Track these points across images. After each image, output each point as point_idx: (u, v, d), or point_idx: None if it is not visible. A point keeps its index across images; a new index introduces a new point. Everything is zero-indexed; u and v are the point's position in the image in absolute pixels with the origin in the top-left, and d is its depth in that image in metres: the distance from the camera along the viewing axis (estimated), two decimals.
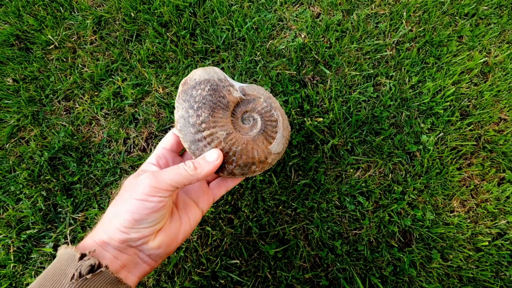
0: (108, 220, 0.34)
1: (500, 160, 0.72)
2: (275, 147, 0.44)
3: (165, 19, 0.85)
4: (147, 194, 0.33)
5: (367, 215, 0.69)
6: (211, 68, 0.42)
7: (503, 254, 0.66)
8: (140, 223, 0.33)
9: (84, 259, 0.30)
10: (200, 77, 0.40)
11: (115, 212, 0.34)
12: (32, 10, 0.90)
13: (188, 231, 0.40)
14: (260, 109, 0.43)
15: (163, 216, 0.35)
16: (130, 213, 0.33)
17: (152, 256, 0.36)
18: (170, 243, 0.37)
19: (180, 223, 0.39)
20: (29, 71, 0.84)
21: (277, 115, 0.44)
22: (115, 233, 0.33)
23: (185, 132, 0.39)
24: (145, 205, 0.33)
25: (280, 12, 0.86)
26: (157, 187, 0.33)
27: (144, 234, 0.34)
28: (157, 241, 0.35)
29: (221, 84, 0.41)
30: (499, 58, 0.80)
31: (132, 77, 0.81)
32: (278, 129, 0.44)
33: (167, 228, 0.37)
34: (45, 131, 0.78)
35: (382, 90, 0.78)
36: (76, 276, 0.28)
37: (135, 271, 0.35)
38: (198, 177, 0.36)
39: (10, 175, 0.75)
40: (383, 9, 0.86)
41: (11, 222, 0.71)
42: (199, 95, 0.39)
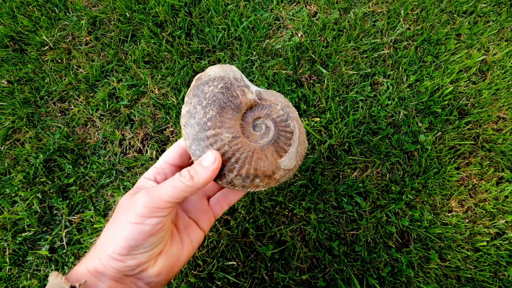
0: (103, 246, 0.31)
1: (498, 159, 0.72)
2: (286, 161, 0.38)
3: (160, 19, 0.85)
4: (142, 216, 0.30)
5: (364, 215, 0.68)
6: (229, 66, 0.39)
7: (501, 254, 0.66)
8: (137, 249, 0.30)
9: None
10: (215, 74, 0.37)
11: (109, 237, 0.31)
12: (27, 11, 0.89)
13: (190, 253, 0.37)
14: (275, 116, 0.39)
15: (161, 238, 0.32)
16: (125, 239, 0.30)
17: (152, 284, 0.33)
18: (171, 268, 0.34)
19: (182, 246, 0.36)
20: (23, 72, 0.83)
21: (293, 126, 0.39)
22: (110, 261, 0.30)
23: (189, 128, 0.36)
24: (141, 229, 0.30)
25: (276, 11, 0.86)
26: (154, 207, 0.30)
27: (141, 260, 0.31)
28: (156, 268, 0.32)
29: (235, 84, 0.37)
30: (498, 56, 0.79)
31: (127, 77, 0.81)
32: (293, 142, 0.38)
33: (168, 252, 0.34)
34: (40, 133, 0.78)
35: (379, 89, 0.77)
36: None
37: None
38: (197, 186, 0.32)
39: (5, 178, 0.75)
40: (381, 7, 0.85)
41: (7, 224, 0.70)
42: (210, 91, 0.36)
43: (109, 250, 0.30)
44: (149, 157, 0.74)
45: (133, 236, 0.30)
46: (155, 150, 0.74)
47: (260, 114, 0.39)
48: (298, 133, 0.39)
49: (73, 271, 0.31)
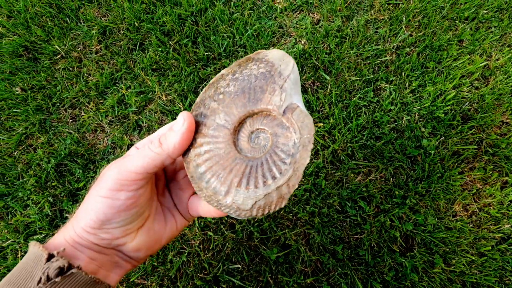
0: (76, 218, 0.30)
1: (502, 164, 0.72)
2: (241, 195, 0.29)
3: (167, 28, 0.87)
4: (111, 189, 0.28)
5: (368, 219, 0.69)
6: (290, 59, 0.31)
7: (507, 259, 0.66)
8: (108, 223, 0.29)
9: (52, 261, 0.26)
10: (270, 58, 0.31)
11: (82, 210, 0.30)
12: (40, 22, 0.93)
13: (174, 235, 0.35)
14: (280, 143, 0.30)
15: (136, 214, 0.30)
16: (95, 213, 0.28)
17: (132, 257, 0.32)
18: (152, 246, 0.33)
19: (165, 225, 0.34)
20: (36, 80, 0.86)
21: (285, 170, 0.29)
22: (83, 234, 0.29)
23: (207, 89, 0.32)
24: (110, 203, 0.28)
25: (280, 19, 0.88)
26: (122, 179, 0.28)
27: (115, 235, 0.29)
28: (135, 243, 0.31)
29: (275, 78, 0.30)
30: (500, 61, 0.80)
31: (135, 85, 0.83)
32: (269, 184, 0.29)
33: (149, 229, 0.32)
34: (52, 139, 0.81)
35: (382, 95, 0.78)
36: (44, 279, 0.25)
37: (116, 270, 0.32)
38: (168, 153, 0.29)
39: (18, 182, 0.77)
40: (383, 15, 0.86)
41: (19, 227, 0.73)
42: (249, 69, 0.31)
43: (81, 223, 0.29)
44: None
45: (103, 210, 0.28)
46: None
47: (268, 128, 0.31)
48: (284, 181, 0.29)
49: (51, 241, 0.30)
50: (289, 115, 0.29)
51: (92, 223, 0.28)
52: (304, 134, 0.29)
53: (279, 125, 0.30)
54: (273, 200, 0.29)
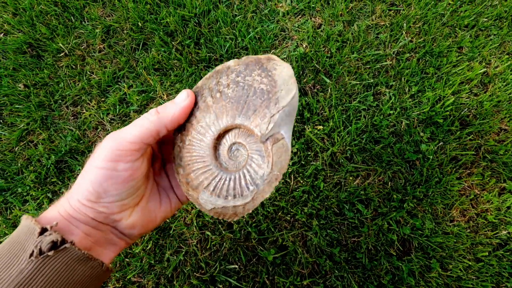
0: (73, 190, 0.29)
1: (500, 170, 0.72)
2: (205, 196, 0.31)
3: (171, 29, 0.88)
4: (108, 160, 0.27)
5: (366, 222, 0.69)
6: (295, 86, 0.30)
7: (504, 265, 0.66)
8: (103, 195, 0.28)
9: (45, 234, 0.26)
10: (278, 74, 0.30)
11: (78, 182, 0.29)
12: (45, 20, 0.94)
13: (167, 215, 0.35)
14: (252, 169, 0.31)
15: (132, 189, 0.30)
16: (91, 184, 0.28)
17: (126, 235, 0.32)
18: (146, 224, 0.33)
19: (160, 204, 0.34)
20: (39, 77, 0.87)
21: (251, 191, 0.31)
22: (80, 207, 0.28)
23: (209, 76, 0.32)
24: (107, 174, 0.27)
25: (282, 22, 0.89)
26: (119, 149, 0.28)
27: (112, 210, 0.29)
28: (131, 220, 0.31)
29: (271, 102, 0.29)
30: (499, 69, 0.81)
31: (137, 84, 0.84)
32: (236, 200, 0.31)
33: (144, 208, 0.32)
34: (53, 135, 0.81)
35: (382, 99, 0.79)
36: (36, 253, 0.25)
37: (110, 247, 0.31)
38: (164, 121, 0.29)
39: (18, 177, 0.77)
40: (384, 20, 0.87)
41: (17, 223, 0.73)
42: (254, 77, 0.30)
43: (78, 195, 0.28)
44: None
45: (99, 181, 0.28)
46: None
47: (248, 148, 0.31)
48: (242, 203, 0.31)
49: (44, 214, 0.29)
50: (269, 146, 0.30)
51: (88, 194, 0.28)
52: (275, 171, 0.30)
53: (258, 150, 0.30)
54: (228, 212, 0.31)
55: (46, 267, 0.25)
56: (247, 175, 0.31)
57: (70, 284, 0.27)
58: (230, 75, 0.31)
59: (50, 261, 0.25)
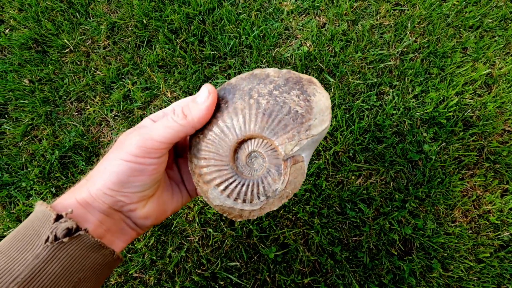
0: (93, 179, 0.30)
1: (503, 171, 0.72)
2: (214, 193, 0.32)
3: (175, 26, 0.89)
4: (135, 155, 0.29)
5: (367, 222, 0.69)
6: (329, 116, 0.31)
7: (505, 266, 0.66)
8: (127, 186, 0.29)
9: (60, 221, 0.26)
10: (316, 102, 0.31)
11: (100, 171, 0.30)
12: (50, 16, 0.94)
13: (178, 207, 0.36)
14: (266, 182, 0.32)
15: (153, 181, 0.31)
16: (116, 175, 0.29)
17: (138, 225, 0.33)
18: (159, 215, 0.34)
19: (172, 196, 0.35)
20: (44, 73, 0.87)
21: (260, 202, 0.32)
22: (100, 195, 0.29)
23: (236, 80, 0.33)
24: (133, 166, 0.29)
25: (286, 21, 0.89)
26: (146, 147, 0.29)
27: (132, 199, 0.30)
28: (145, 210, 0.32)
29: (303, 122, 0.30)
30: (504, 70, 0.81)
31: (141, 80, 0.85)
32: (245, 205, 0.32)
33: (159, 198, 0.33)
34: (57, 131, 0.82)
35: (385, 99, 0.79)
36: (51, 239, 0.25)
37: (121, 236, 0.32)
38: (192, 125, 0.30)
39: (22, 172, 0.78)
40: (388, 20, 0.87)
41: (21, 216, 0.73)
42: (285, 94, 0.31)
43: (99, 184, 0.29)
44: None
45: (125, 172, 0.29)
46: None
47: (268, 161, 0.32)
48: (249, 209, 0.33)
49: (60, 200, 0.30)
50: (289, 165, 0.31)
51: (111, 184, 0.29)
52: (288, 189, 0.31)
53: (276, 166, 0.32)
54: (233, 213, 0.33)
55: (61, 253, 0.26)
56: (261, 186, 0.32)
57: (83, 270, 0.27)
58: (268, 85, 0.32)
59: (65, 247, 0.26)
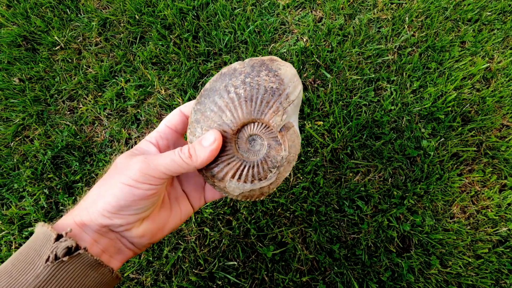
0: (92, 201, 0.31)
1: (501, 166, 0.71)
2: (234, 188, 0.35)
3: (168, 22, 0.87)
4: (136, 180, 0.30)
5: (366, 219, 0.68)
6: (299, 81, 0.35)
7: (503, 262, 0.66)
8: (126, 209, 0.30)
9: (61, 240, 0.27)
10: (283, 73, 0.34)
11: (99, 193, 0.31)
12: (40, 12, 0.92)
13: (177, 224, 0.37)
14: (271, 155, 0.35)
15: (152, 204, 0.32)
16: (116, 198, 0.30)
17: (135, 244, 0.33)
18: (155, 233, 0.34)
19: (170, 213, 0.36)
20: (35, 71, 0.85)
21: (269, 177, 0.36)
22: (97, 217, 0.30)
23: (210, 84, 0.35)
24: (133, 191, 0.30)
25: (282, 16, 0.87)
26: (149, 174, 0.30)
27: (128, 221, 0.31)
28: (141, 229, 0.32)
29: (282, 98, 0.34)
30: (502, 64, 0.80)
31: (135, 78, 0.83)
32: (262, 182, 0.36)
33: (155, 217, 0.34)
34: (49, 130, 0.80)
35: (383, 95, 0.78)
36: (52, 258, 0.26)
37: (117, 256, 0.33)
38: (195, 165, 0.32)
39: (14, 173, 0.76)
40: (386, 14, 0.86)
41: (14, 219, 0.72)
42: (263, 77, 0.34)
43: (98, 206, 0.30)
44: None
45: (124, 197, 0.30)
46: None
47: (265, 138, 0.35)
48: (267, 184, 0.36)
49: (60, 221, 0.31)
50: (284, 133, 0.35)
51: (110, 207, 0.30)
52: (292, 153, 0.35)
53: (274, 139, 0.35)
54: (255, 194, 0.36)
55: (61, 272, 0.27)
56: (268, 161, 0.35)
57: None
58: (238, 76, 0.35)
59: (65, 266, 0.27)
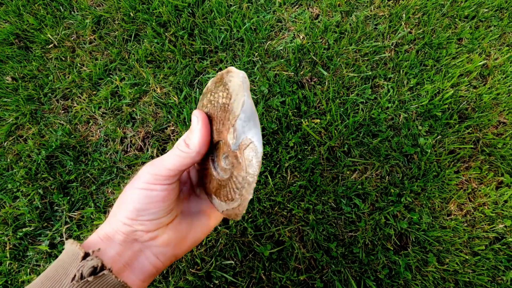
0: (113, 213, 0.33)
1: (498, 163, 0.71)
2: (218, 205, 0.36)
3: (163, 19, 0.86)
4: (148, 182, 0.32)
5: (363, 217, 0.68)
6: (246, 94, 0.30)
7: (500, 258, 0.66)
8: (143, 213, 0.31)
9: (87, 259, 0.28)
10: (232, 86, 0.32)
11: (119, 204, 0.33)
12: (32, 9, 0.90)
13: (199, 236, 0.38)
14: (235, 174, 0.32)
15: (168, 208, 0.33)
16: (132, 203, 0.31)
17: (159, 256, 0.34)
18: (179, 243, 0.35)
19: (191, 225, 0.37)
20: (28, 69, 0.84)
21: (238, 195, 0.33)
22: (119, 226, 0.31)
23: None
24: (147, 193, 0.31)
25: (279, 13, 0.86)
26: (158, 174, 0.32)
27: (149, 227, 0.32)
28: (166, 237, 0.33)
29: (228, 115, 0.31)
30: (499, 61, 0.80)
31: (130, 76, 0.82)
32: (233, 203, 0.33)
33: (177, 226, 0.35)
34: (43, 130, 0.79)
35: (380, 92, 0.77)
36: (78, 277, 0.27)
37: (139, 272, 0.33)
38: (196, 150, 0.32)
39: (7, 173, 0.75)
40: (382, 11, 0.85)
41: (8, 219, 0.71)
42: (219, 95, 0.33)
43: (119, 215, 0.32)
44: (150, 155, 0.74)
45: (140, 200, 0.31)
46: (156, 149, 0.75)
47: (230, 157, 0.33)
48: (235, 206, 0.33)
49: (87, 240, 0.32)
50: (241, 152, 0.31)
51: (129, 213, 0.31)
52: (249, 173, 0.31)
53: (235, 157, 0.32)
54: (233, 213, 0.34)
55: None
56: (235, 181, 0.33)
57: None
58: (206, 96, 0.35)
59: (90, 286, 0.27)
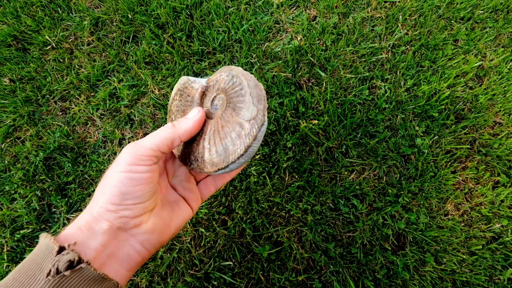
0: (94, 200, 0.31)
1: (494, 164, 0.72)
2: (245, 112, 0.36)
3: (162, 21, 0.86)
4: (130, 164, 0.30)
5: (361, 217, 0.69)
6: (181, 78, 0.44)
7: (497, 258, 0.66)
8: (128, 197, 0.30)
9: (63, 253, 0.26)
10: (174, 90, 0.44)
11: (101, 190, 0.31)
12: (30, 11, 0.90)
13: (181, 223, 0.37)
14: (223, 85, 0.39)
15: (151, 191, 0.32)
16: (116, 187, 0.30)
17: (145, 243, 0.33)
18: (164, 230, 0.34)
19: (172, 213, 0.37)
20: (26, 71, 0.84)
21: (238, 80, 0.38)
22: (103, 213, 0.29)
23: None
24: (131, 176, 0.30)
25: (276, 14, 0.87)
26: (139, 154, 0.31)
27: (135, 212, 0.31)
28: (150, 223, 0.32)
29: (183, 85, 0.43)
30: (495, 62, 0.80)
31: (128, 78, 0.82)
32: (244, 92, 0.37)
33: (160, 212, 0.35)
34: (41, 131, 0.79)
35: (377, 93, 0.78)
36: (53, 272, 0.25)
37: (125, 261, 0.31)
38: (178, 133, 0.33)
39: (5, 175, 0.75)
40: (379, 13, 0.86)
41: (5, 221, 0.71)
42: (175, 105, 0.42)
43: (101, 201, 0.30)
44: None
45: (124, 182, 0.30)
46: None
47: (214, 93, 0.40)
48: (246, 81, 0.38)
49: (63, 233, 0.30)
50: (211, 79, 0.43)
51: (113, 198, 0.30)
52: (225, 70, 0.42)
53: (214, 85, 0.42)
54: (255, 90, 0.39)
55: (63, 286, 0.26)
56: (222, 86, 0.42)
57: None
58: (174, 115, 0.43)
59: (67, 280, 0.26)
